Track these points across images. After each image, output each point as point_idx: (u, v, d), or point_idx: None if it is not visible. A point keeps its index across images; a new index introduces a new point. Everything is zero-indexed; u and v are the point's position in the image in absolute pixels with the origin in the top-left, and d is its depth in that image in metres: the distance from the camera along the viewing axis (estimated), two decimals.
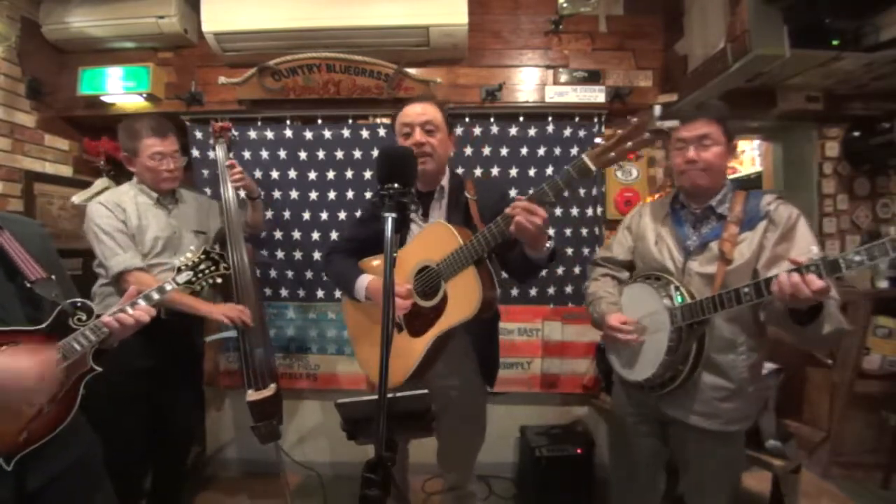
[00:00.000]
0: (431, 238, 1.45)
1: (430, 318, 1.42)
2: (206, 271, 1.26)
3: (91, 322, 1.04)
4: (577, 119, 2.42)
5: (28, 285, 1.00)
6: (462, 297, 1.34)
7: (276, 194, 2.48)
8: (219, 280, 1.28)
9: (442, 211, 1.53)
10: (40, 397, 0.94)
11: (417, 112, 1.46)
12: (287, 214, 2.49)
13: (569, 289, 2.46)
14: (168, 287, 1.17)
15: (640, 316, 1.38)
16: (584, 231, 2.45)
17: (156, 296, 1.14)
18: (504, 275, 1.49)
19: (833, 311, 1.11)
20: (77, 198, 2.38)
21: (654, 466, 1.54)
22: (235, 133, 2.40)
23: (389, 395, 0.93)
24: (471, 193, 1.51)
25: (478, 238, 1.28)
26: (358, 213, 1.94)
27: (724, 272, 1.27)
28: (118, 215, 1.75)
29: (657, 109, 1.05)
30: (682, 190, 1.43)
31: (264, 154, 2.47)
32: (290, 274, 2.52)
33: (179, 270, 1.23)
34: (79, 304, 1.05)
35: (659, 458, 1.53)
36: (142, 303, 1.10)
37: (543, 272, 2.41)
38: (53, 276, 1.04)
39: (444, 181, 1.53)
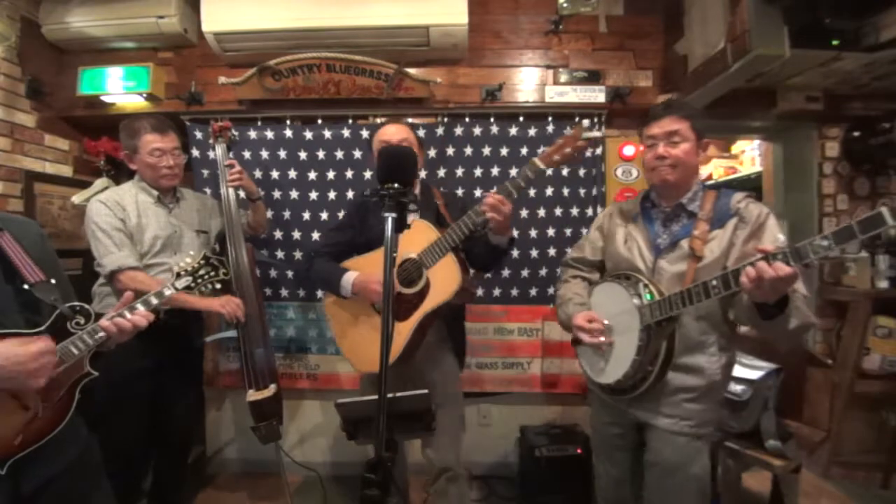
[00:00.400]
0: (410, 235, 1.57)
1: (414, 303, 1.60)
2: (206, 276, 1.26)
3: (89, 326, 1.04)
4: (577, 119, 2.42)
5: (27, 288, 1.00)
6: (444, 280, 1.53)
7: (276, 194, 2.48)
8: (218, 286, 1.29)
9: (416, 215, 1.74)
10: (39, 379, 0.92)
11: (393, 132, 1.73)
12: (287, 214, 2.49)
13: None
14: (167, 292, 1.17)
15: (610, 316, 1.36)
16: (585, 231, 2.45)
17: (154, 300, 1.14)
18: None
19: (800, 304, 1.10)
20: (77, 198, 2.38)
21: (638, 480, 1.48)
22: (235, 133, 2.41)
23: (390, 396, 0.94)
24: (439, 199, 1.79)
25: (456, 227, 1.50)
26: (340, 216, 2.31)
27: (694, 270, 1.26)
28: (117, 213, 1.75)
29: (585, 122, 1.39)
30: (653, 187, 1.43)
31: (264, 154, 2.47)
32: (290, 274, 2.52)
33: (179, 276, 1.23)
34: (77, 308, 1.05)
35: (642, 470, 1.47)
36: (140, 307, 1.10)
37: (544, 271, 2.44)
38: (53, 280, 1.03)
39: (417, 190, 1.79)
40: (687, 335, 1.28)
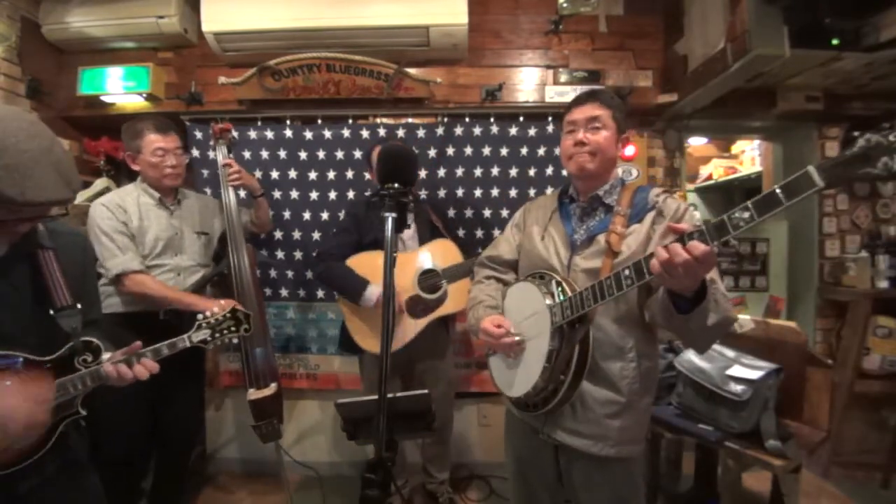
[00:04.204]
0: (437, 250, 1.97)
1: (430, 307, 1.93)
2: (226, 331, 1.25)
3: (93, 366, 1.03)
4: None
5: (52, 313, 1.00)
6: (460, 296, 1.80)
7: (277, 194, 2.48)
8: (235, 340, 1.28)
9: (413, 219, 2.00)
10: (23, 443, 0.91)
11: None
12: (287, 214, 2.49)
13: None
14: (180, 344, 1.17)
15: (523, 319, 1.24)
16: None
17: (165, 351, 1.14)
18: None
19: (719, 298, 1.00)
20: (77, 198, 2.37)
21: None
22: (235, 134, 2.40)
23: (389, 396, 0.94)
24: (431, 213, 2.11)
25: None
26: (340, 216, 2.39)
27: (610, 266, 1.15)
28: (119, 216, 1.76)
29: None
30: (571, 176, 1.34)
31: (264, 154, 2.47)
32: (290, 274, 2.52)
33: (199, 327, 1.22)
34: (92, 345, 1.04)
35: None
36: (149, 356, 1.10)
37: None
38: (79, 305, 1.03)
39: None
40: (605, 340, 1.18)
